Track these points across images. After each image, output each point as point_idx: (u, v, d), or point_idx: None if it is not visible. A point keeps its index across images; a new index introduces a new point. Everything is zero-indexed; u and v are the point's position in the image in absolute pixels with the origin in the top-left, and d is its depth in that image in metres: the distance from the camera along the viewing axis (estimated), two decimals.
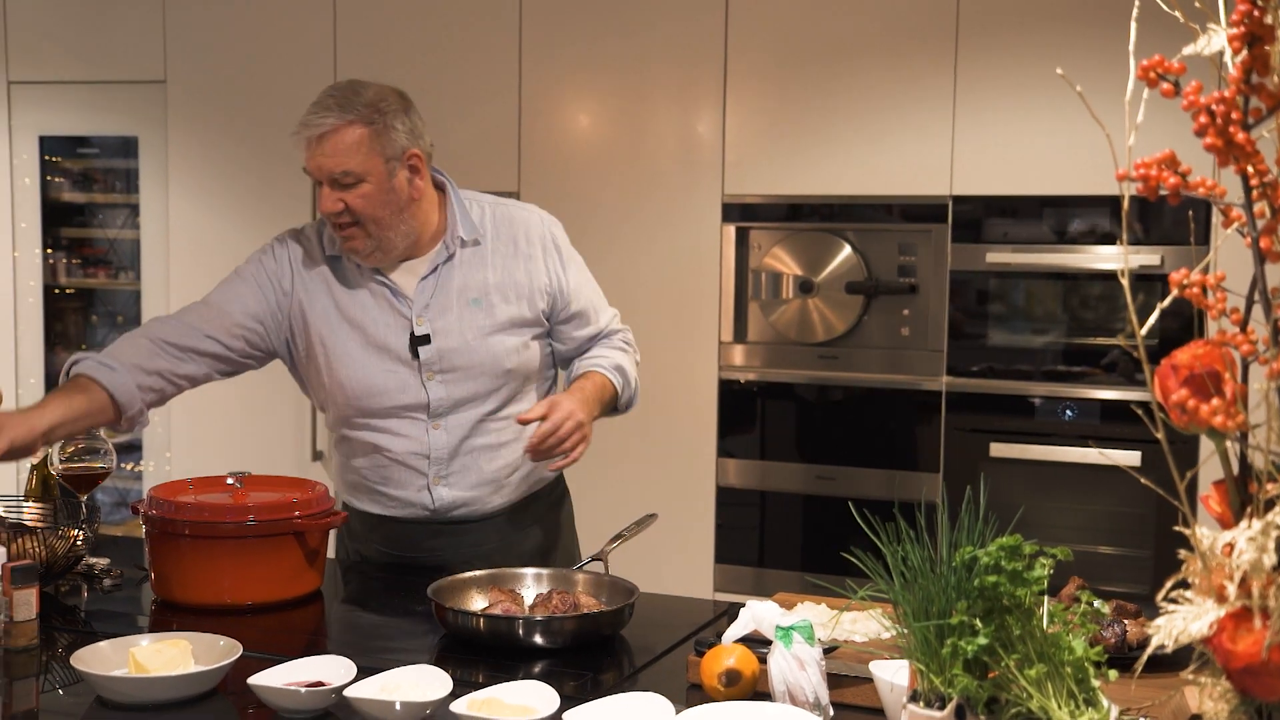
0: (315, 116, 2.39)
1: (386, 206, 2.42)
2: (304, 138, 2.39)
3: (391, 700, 1.70)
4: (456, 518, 2.56)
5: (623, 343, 2.68)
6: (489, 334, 2.50)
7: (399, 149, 2.42)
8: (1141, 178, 1.14)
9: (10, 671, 2.00)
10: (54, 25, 4.97)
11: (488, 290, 2.51)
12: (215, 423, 4.80)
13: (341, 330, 2.50)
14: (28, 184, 5.08)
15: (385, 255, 2.47)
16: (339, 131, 2.37)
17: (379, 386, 2.49)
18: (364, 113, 2.39)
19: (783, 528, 4.15)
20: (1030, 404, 3.85)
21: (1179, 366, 1.18)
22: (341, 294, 2.51)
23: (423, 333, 2.48)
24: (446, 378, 2.49)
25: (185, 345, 2.47)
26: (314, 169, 2.41)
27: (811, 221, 4.07)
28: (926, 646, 1.39)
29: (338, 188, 2.39)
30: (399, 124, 2.43)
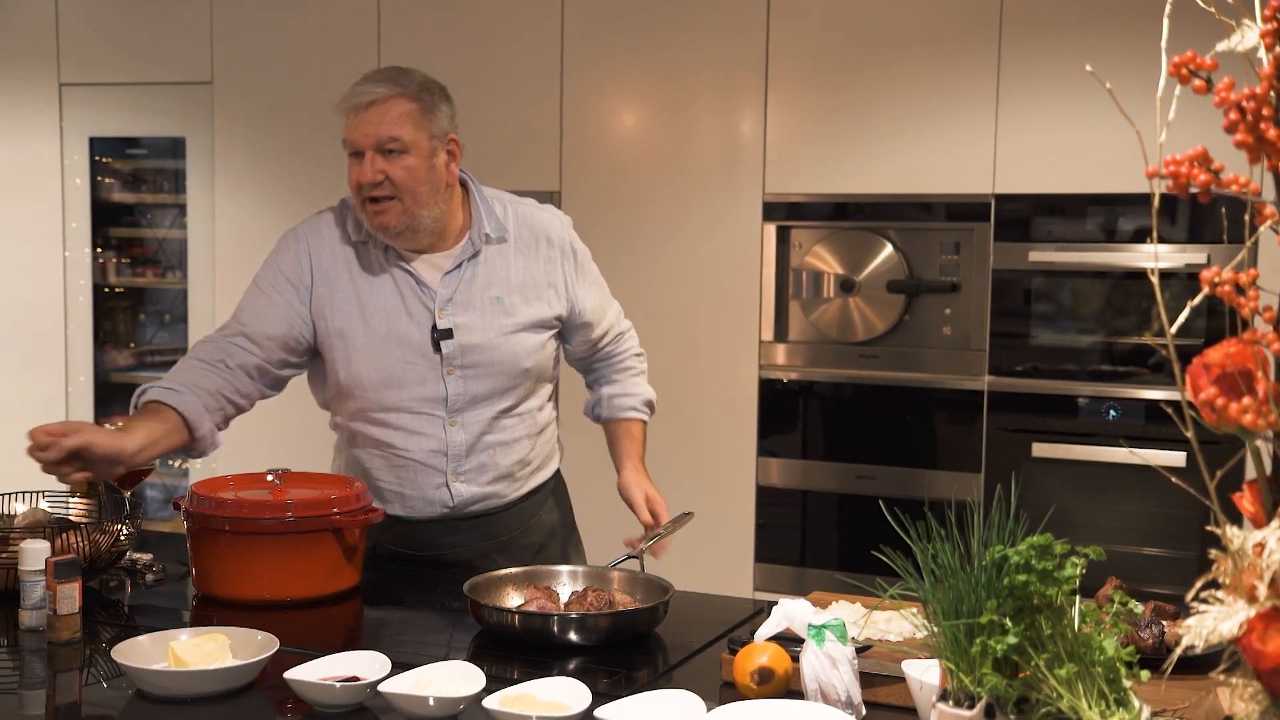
0: (365, 86, 2.42)
1: (425, 183, 2.43)
2: (351, 105, 2.42)
3: (425, 695, 1.71)
4: (473, 512, 2.58)
5: (635, 358, 2.79)
6: (510, 333, 2.51)
7: (442, 130, 2.47)
8: (1171, 175, 1.14)
9: (54, 664, 2.03)
10: (104, 28, 5.03)
11: (510, 289, 2.53)
12: (260, 421, 4.82)
13: (362, 320, 2.49)
14: (78, 184, 5.14)
15: (413, 235, 2.47)
16: (388, 101, 2.41)
17: (398, 378, 2.49)
18: (413, 89, 2.44)
19: (823, 527, 4.14)
20: (1073, 404, 3.83)
21: (1211, 365, 1.17)
22: (364, 283, 2.51)
23: (445, 326, 2.48)
24: (466, 373, 2.50)
25: (233, 364, 2.47)
26: (359, 136, 2.41)
27: (853, 220, 4.06)
28: (956, 645, 1.38)
29: (381, 157, 2.40)
30: (443, 107, 2.48)
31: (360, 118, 2.41)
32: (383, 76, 2.44)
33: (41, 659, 2.06)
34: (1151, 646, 1.85)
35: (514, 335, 2.51)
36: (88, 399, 5.15)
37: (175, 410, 2.36)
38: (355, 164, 2.43)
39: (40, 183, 5.16)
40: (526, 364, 2.53)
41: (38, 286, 5.17)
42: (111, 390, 5.30)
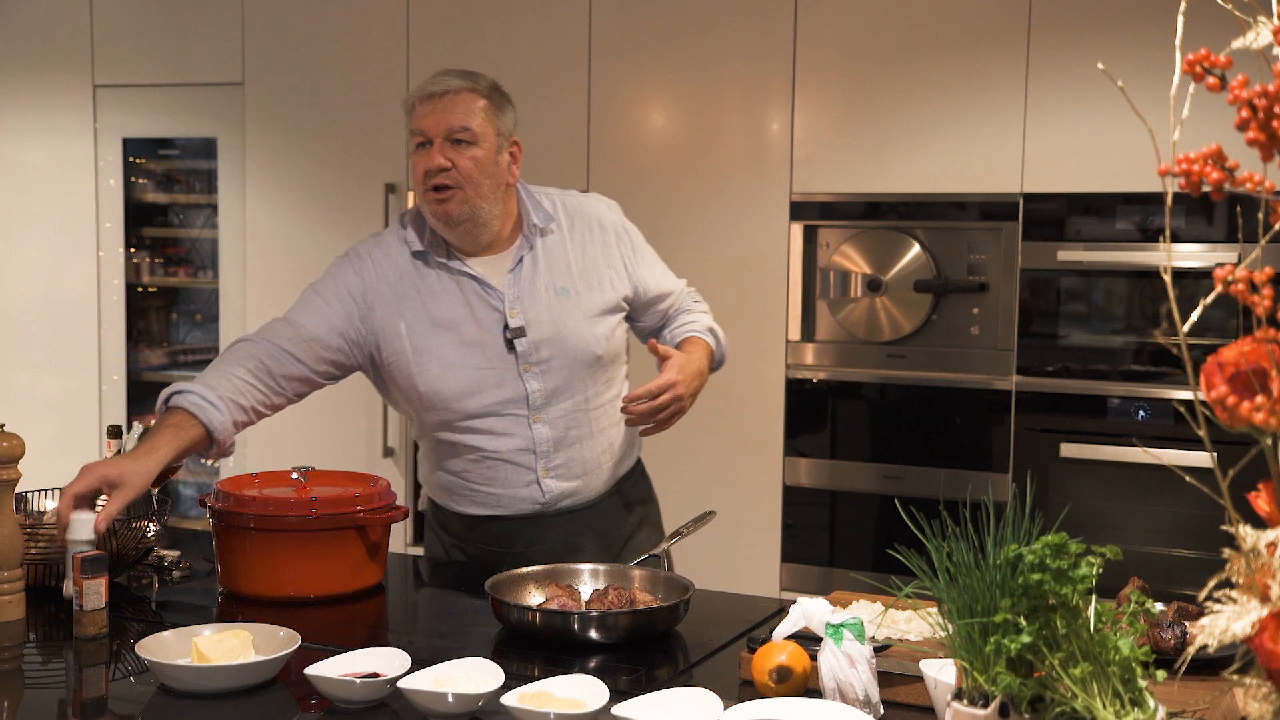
0: (438, 78, 2.50)
1: (489, 177, 2.49)
2: (424, 94, 2.48)
3: (444, 692, 1.72)
4: (564, 508, 2.60)
5: (695, 302, 2.79)
6: (579, 322, 2.54)
7: (507, 130, 2.55)
8: (1183, 172, 1.13)
9: (81, 659, 2.05)
10: (137, 30, 5.07)
11: (572, 279, 2.57)
12: (290, 420, 4.85)
13: (433, 335, 2.50)
14: (112, 185, 5.19)
15: (473, 228, 2.50)
16: (461, 94, 2.49)
17: (477, 384, 2.50)
18: (484, 87, 2.53)
19: (850, 527, 4.13)
20: (1102, 404, 3.80)
21: (1225, 364, 1.16)
22: (430, 297, 2.52)
23: (517, 325, 2.51)
24: (542, 369, 2.52)
25: (278, 373, 2.47)
26: (430, 125, 2.46)
27: (880, 220, 4.05)
28: (970, 644, 1.38)
29: (449, 146, 2.46)
30: (510, 110, 2.57)
31: (432, 106, 2.47)
32: (455, 72, 2.53)
33: (69, 645, 2.09)
34: (1173, 647, 1.84)
35: (583, 323, 2.55)
36: (121, 398, 5.20)
37: (205, 427, 2.34)
38: (422, 153, 2.48)
39: (75, 183, 5.21)
40: (599, 351, 2.56)
41: (72, 286, 5.22)
42: (144, 389, 5.34)
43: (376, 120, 4.68)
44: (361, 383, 4.71)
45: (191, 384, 2.39)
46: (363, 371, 2.62)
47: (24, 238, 5.31)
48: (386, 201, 4.64)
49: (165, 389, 2.41)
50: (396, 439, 4.68)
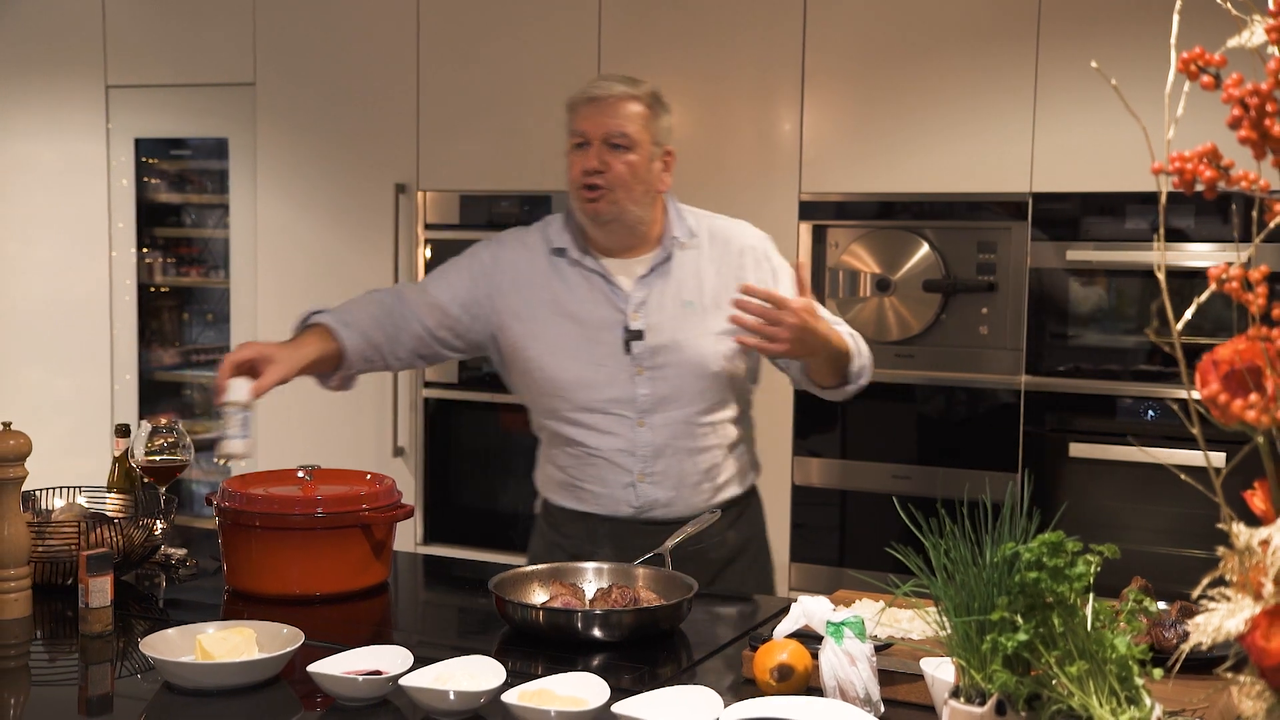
0: (603, 84, 2.57)
1: (640, 183, 2.55)
2: (587, 98, 2.56)
3: (446, 689, 1.72)
4: (656, 518, 2.58)
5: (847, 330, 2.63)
6: (699, 336, 2.56)
7: (663, 139, 2.61)
8: (1177, 171, 1.13)
9: (86, 657, 2.07)
10: (149, 31, 5.09)
11: (701, 294, 2.59)
12: (301, 419, 4.89)
13: (556, 323, 2.58)
14: (124, 185, 5.21)
15: (620, 228, 2.57)
16: (624, 100, 2.55)
17: (589, 379, 2.55)
18: (646, 96, 2.58)
19: (859, 527, 4.13)
20: (1111, 404, 3.80)
21: (1220, 362, 1.17)
22: (560, 288, 2.60)
23: (637, 328, 2.56)
24: (655, 375, 2.55)
25: (401, 327, 2.60)
26: (590, 128, 2.53)
27: (889, 219, 4.05)
28: (967, 642, 1.38)
29: (606, 149, 2.52)
30: (666, 119, 2.63)
31: (594, 109, 2.55)
32: (619, 78, 2.60)
33: (75, 643, 2.10)
34: (1176, 646, 1.84)
35: (703, 339, 2.56)
36: (133, 397, 5.22)
37: (341, 346, 2.52)
38: (579, 154, 2.56)
39: (87, 183, 5.23)
40: (714, 368, 2.56)
41: (84, 286, 5.24)
42: (156, 389, 5.36)
43: (387, 121, 4.69)
44: (372, 383, 4.74)
45: (329, 310, 2.58)
46: (486, 353, 2.70)
47: (36, 238, 5.33)
48: (397, 201, 4.65)
49: (304, 312, 2.61)
50: (407, 438, 4.69)
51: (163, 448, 2.62)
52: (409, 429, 4.69)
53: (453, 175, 4.62)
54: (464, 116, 4.58)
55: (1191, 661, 1.57)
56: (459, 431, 4.68)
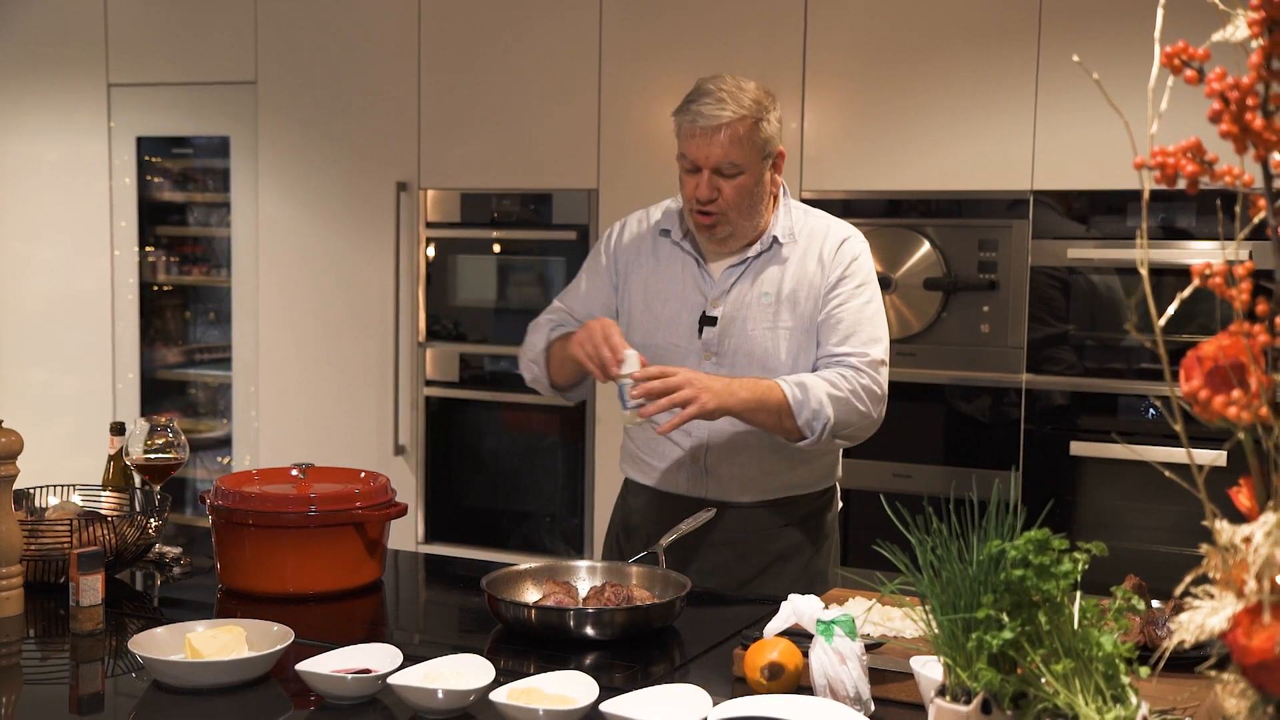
0: (711, 108, 2.50)
1: (752, 198, 2.56)
2: (698, 128, 2.51)
3: (434, 688, 1.72)
4: (717, 498, 2.61)
5: (839, 374, 2.51)
6: (769, 328, 2.58)
7: (772, 147, 2.58)
8: (1159, 165, 1.13)
9: (77, 655, 2.06)
10: (151, 29, 5.09)
11: (780, 288, 2.59)
12: (302, 417, 4.90)
13: (644, 300, 2.66)
14: (126, 184, 5.21)
15: (735, 240, 2.61)
16: (733, 125, 2.50)
17: (662, 357, 2.58)
18: (753, 109, 2.52)
19: (860, 526, 4.12)
20: (1112, 402, 3.78)
21: (1204, 358, 1.16)
22: (654, 267, 2.67)
23: (713, 314, 2.60)
24: (722, 361, 2.58)
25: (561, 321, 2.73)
26: (701, 157, 2.51)
27: (890, 218, 4.03)
28: (953, 641, 1.38)
29: (718, 176, 2.52)
30: (774, 120, 2.58)
31: (706, 140, 2.50)
32: (725, 97, 2.51)
33: (66, 641, 2.10)
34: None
35: (772, 331, 2.58)
36: (135, 396, 5.22)
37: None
38: (691, 178, 2.55)
39: (89, 182, 5.23)
40: (778, 362, 2.57)
41: (86, 285, 5.25)
42: (158, 387, 5.37)
43: (388, 119, 4.69)
44: (373, 379, 4.74)
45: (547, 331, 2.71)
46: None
47: (39, 237, 5.34)
48: (398, 200, 4.65)
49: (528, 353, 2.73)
50: (408, 437, 4.69)
51: (158, 446, 2.62)
52: (410, 427, 4.69)
53: (454, 173, 4.62)
54: (465, 115, 4.58)
55: (1183, 659, 1.57)
56: (460, 430, 4.68)
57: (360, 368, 4.78)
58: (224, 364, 5.20)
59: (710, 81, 2.56)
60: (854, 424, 2.54)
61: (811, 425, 2.48)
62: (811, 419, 2.47)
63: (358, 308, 4.76)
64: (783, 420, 2.47)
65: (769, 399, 2.46)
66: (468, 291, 4.67)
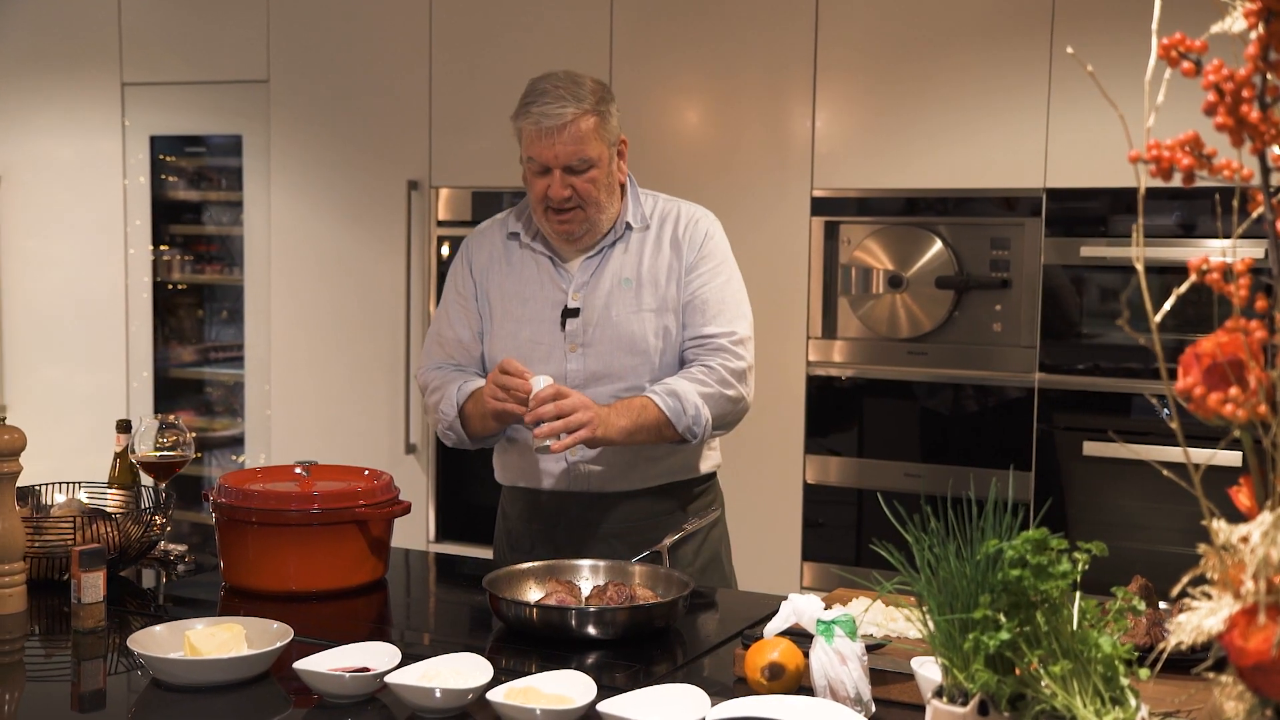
0: (553, 107, 2.48)
1: (605, 190, 2.56)
2: (543, 128, 2.49)
3: (431, 687, 1.71)
4: (590, 491, 2.60)
5: (703, 370, 2.55)
6: (632, 311, 2.57)
7: (615, 136, 2.59)
8: (1154, 159, 1.11)
9: (79, 652, 2.06)
10: (165, 29, 5.10)
11: (640, 272, 2.60)
12: (314, 415, 4.90)
13: (504, 307, 2.64)
14: (140, 182, 5.22)
15: (592, 235, 2.59)
16: (577, 121, 2.49)
17: (525, 357, 2.56)
18: (593, 102, 2.52)
19: (870, 525, 4.11)
20: (1126, 401, 3.76)
21: (1202, 355, 1.14)
22: (510, 271, 2.65)
23: (574, 306, 2.58)
24: (587, 351, 2.57)
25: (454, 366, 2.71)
26: (549, 157, 2.50)
27: (902, 216, 4.02)
28: (950, 641, 1.36)
29: (569, 174, 2.51)
30: (614, 111, 2.58)
31: (551, 140, 2.49)
32: (565, 94, 2.49)
33: (69, 638, 2.09)
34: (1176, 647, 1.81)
35: (635, 314, 2.58)
36: (148, 394, 5.23)
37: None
38: (540, 179, 2.54)
39: (103, 181, 5.24)
40: (645, 345, 2.57)
41: (100, 283, 5.26)
42: (172, 386, 5.37)
43: (400, 118, 4.69)
44: (385, 378, 4.74)
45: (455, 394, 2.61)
46: None
47: (53, 235, 5.35)
48: (409, 198, 4.65)
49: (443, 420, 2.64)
50: (419, 435, 4.68)
51: (164, 444, 2.62)
52: (421, 426, 4.69)
53: (465, 172, 4.61)
54: (476, 113, 4.58)
55: (1186, 661, 1.55)
56: None
57: (371, 366, 4.78)
58: (237, 362, 5.20)
59: (545, 80, 2.53)
60: (728, 413, 2.58)
61: (692, 430, 2.51)
62: (691, 424, 2.50)
63: (369, 306, 4.76)
64: (663, 432, 2.50)
65: (645, 418, 2.47)
66: None
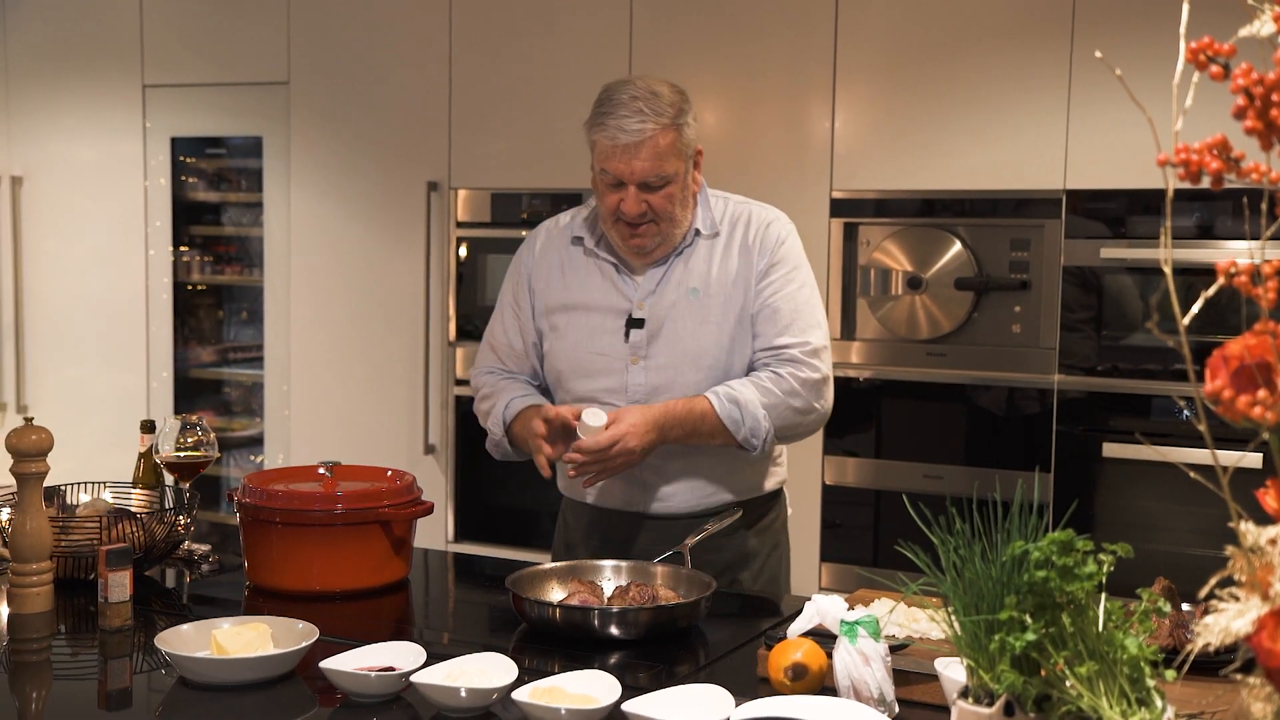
0: (631, 122, 2.40)
1: (680, 204, 2.48)
2: (619, 145, 2.40)
3: (456, 686, 1.72)
4: (656, 513, 2.53)
5: (771, 377, 2.47)
6: (698, 323, 2.50)
7: (692, 147, 2.49)
8: (1182, 162, 1.11)
9: (105, 651, 2.08)
10: (185, 31, 5.13)
11: (709, 281, 2.51)
12: (333, 416, 4.91)
13: (566, 314, 2.56)
14: (161, 184, 5.24)
15: (664, 249, 2.51)
16: (654, 138, 2.40)
17: (587, 368, 2.52)
18: (672, 115, 2.42)
19: (889, 526, 4.11)
20: (1146, 403, 3.75)
21: (1230, 357, 1.14)
22: (572, 277, 2.57)
23: (639, 317, 2.51)
24: (649, 364, 2.49)
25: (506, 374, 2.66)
26: (625, 173, 2.41)
27: (921, 217, 4.01)
28: (976, 642, 1.36)
29: (645, 190, 2.43)
30: (691, 121, 2.49)
31: (627, 156, 2.41)
32: (643, 108, 2.41)
33: (95, 637, 2.11)
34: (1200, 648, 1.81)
35: (702, 325, 2.49)
36: (168, 395, 5.25)
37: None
38: (613, 193, 2.45)
39: (124, 182, 5.27)
40: (710, 359, 2.48)
41: (121, 284, 5.28)
42: (192, 386, 5.40)
43: (419, 119, 4.70)
44: (404, 378, 4.75)
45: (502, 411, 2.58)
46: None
47: (74, 236, 5.38)
48: (429, 199, 4.66)
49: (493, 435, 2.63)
50: (438, 435, 4.70)
51: (189, 445, 2.63)
52: (440, 426, 4.70)
53: (485, 173, 4.62)
54: (496, 114, 4.59)
55: (1211, 662, 1.55)
56: None
57: (391, 367, 4.79)
58: (256, 363, 5.22)
59: (622, 90, 2.45)
60: (795, 424, 2.50)
61: (751, 441, 2.45)
62: (749, 435, 2.44)
63: (388, 307, 4.78)
64: (721, 438, 2.45)
65: (702, 427, 2.43)
66: (498, 291, 4.67)
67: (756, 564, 2.61)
